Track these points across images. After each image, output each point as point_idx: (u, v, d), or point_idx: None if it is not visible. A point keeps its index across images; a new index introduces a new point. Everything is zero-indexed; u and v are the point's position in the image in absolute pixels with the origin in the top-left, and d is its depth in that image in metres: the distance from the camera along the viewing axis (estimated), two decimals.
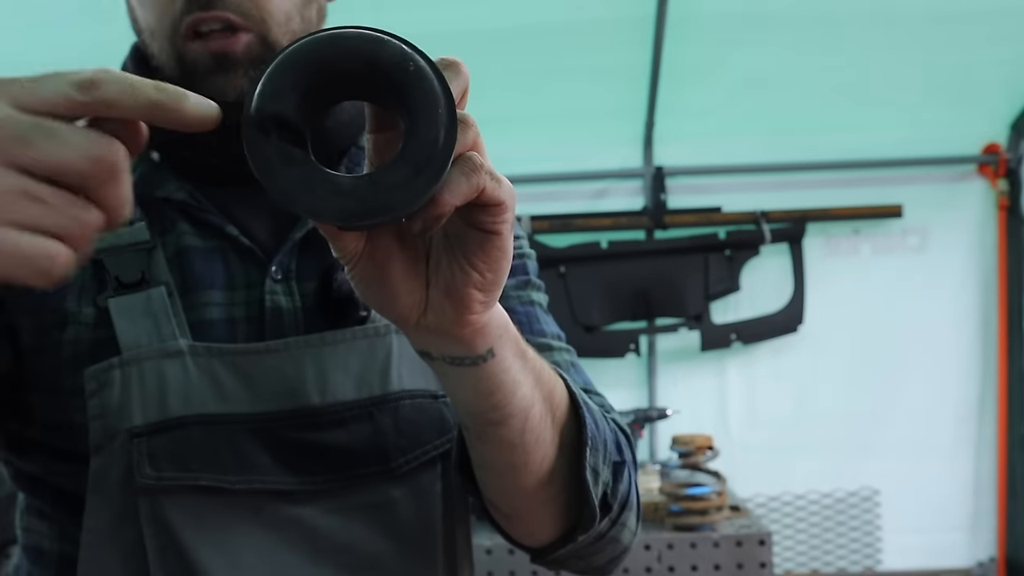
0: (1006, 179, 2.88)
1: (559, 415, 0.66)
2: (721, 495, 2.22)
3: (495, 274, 0.51)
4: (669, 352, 2.99)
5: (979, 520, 2.96)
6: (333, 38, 0.46)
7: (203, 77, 0.73)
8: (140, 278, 0.73)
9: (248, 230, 0.77)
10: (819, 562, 3.01)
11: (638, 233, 2.95)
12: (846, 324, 2.92)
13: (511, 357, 0.58)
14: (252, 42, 0.73)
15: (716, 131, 2.87)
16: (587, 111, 2.78)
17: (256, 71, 0.69)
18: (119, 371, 0.71)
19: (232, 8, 0.72)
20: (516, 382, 0.59)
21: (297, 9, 0.76)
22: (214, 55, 0.73)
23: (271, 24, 0.74)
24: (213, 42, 0.72)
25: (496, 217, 0.49)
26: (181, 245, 0.76)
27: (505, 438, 0.62)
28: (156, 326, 0.72)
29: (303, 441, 0.73)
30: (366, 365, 0.74)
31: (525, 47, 2.51)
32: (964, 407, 2.95)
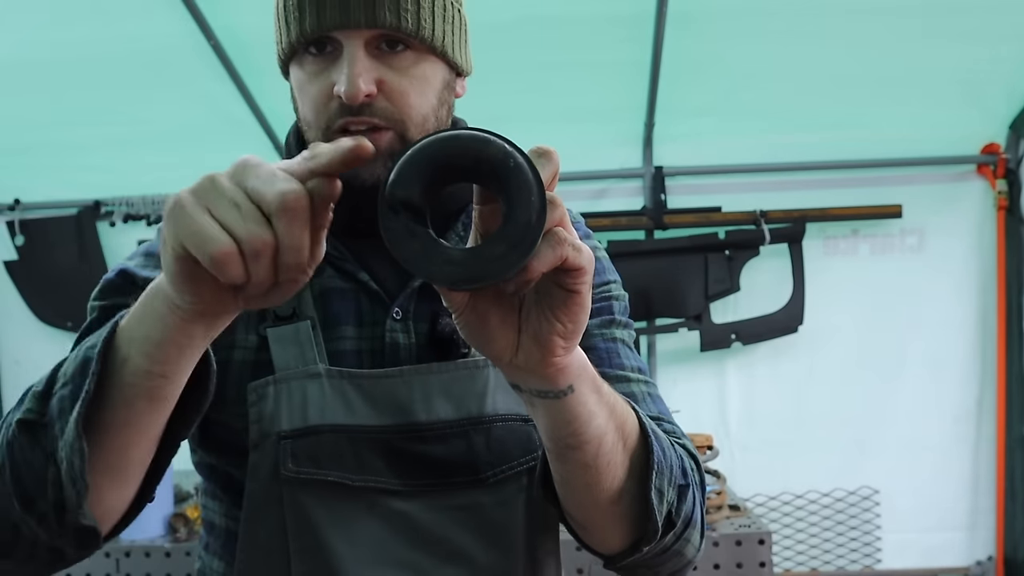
0: (1005, 179, 2.89)
1: (630, 442, 0.76)
2: (721, 495, 2.22)
3: (575, 325, 0.62)
4: (669, 352, 2.99)
5: (977, 519, 2.97)
6: (449, 139, 0.58)
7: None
8: (292, 312, 0.91)
9: (376, 277, 0.93)
10: (818, 561, 3.01)
11: (638, 233, 2.95)
12: (845, 324, 2.93)
13: (588, 392, 0.69)
14: (392, 139, 0.86)
15: (716, 131, 2.88)
16: (587, 110, 2.78)
17: (391, 162, 0.81)
18: (272, 387, 0.89)
19: (379, 114, 0.85)
20: (592, 413, 0.70)
21: (433, 111, 0.88)
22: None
23: (409, 125, 0.86)
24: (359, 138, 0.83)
25: (577, 279, 0.60)
26: (324, 287, 0.92)
27: (580, 460, 0.73)
28: (302, 353, 0.90)
29: (410, 450, 0.88)
30: (465, 391, 0.89)
31: (525, 46, 2.51)
32: (963, 407, 2.95)
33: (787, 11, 2.43)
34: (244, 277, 0.55)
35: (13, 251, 3.06)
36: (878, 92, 2.70)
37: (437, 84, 0.89)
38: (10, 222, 3.06)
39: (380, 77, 0.85)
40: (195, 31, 2.40)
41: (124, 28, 2.37)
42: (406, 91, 0.86)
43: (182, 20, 2.36)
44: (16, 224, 3.04)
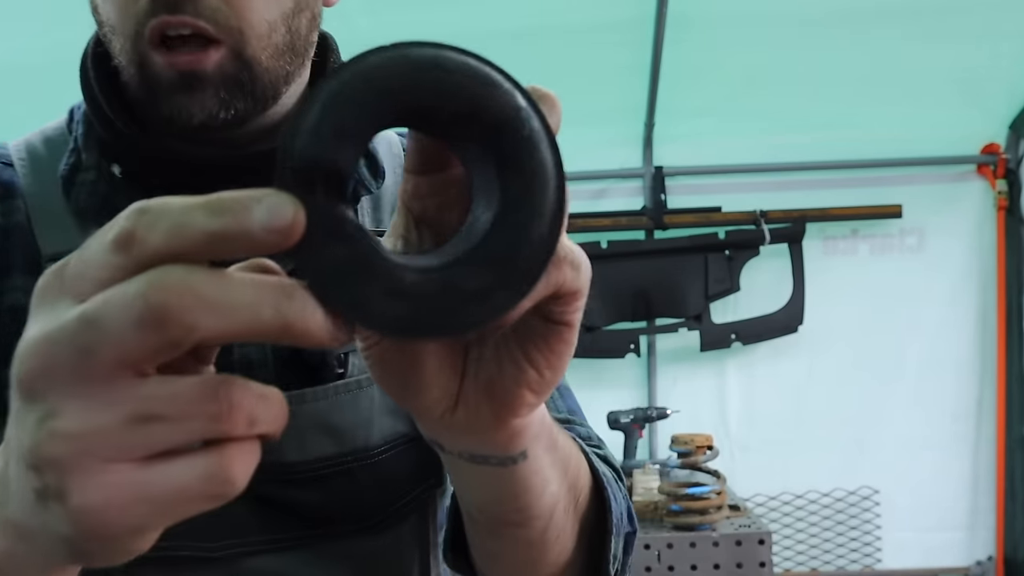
0: (1005, 179, 2.89)
1: (582, 501, 0.59)
2: (720, 494, 2.22)
3: (554, 372, 0.40)
4: (669, 352, 2.99)
5: (977, 519, 2.97)
6: (435, 62, 0.33)
7: (166, 94, 0.64)
8: None
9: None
10: (818, 561, 3.01)
11: (638, 233, 2.95)
12: (845, 324, 2.92)
13: (543, 454, 0.49)
14: (225, 59, 0.64)
15: (716, 131, 2.87)
16: (587, 111, 2.78)
17: (224, 91, 0.64)
18: None
19: (205, 15, 0.62)
20: (545, 481, 0.50)
21: (284, 19, 0.66)
22: (181, 74, 0.63)
23: (250, 37, 0.64)
24: (180, 58, 0.63)
25: (569, 306, 0.38)
26: None
27: (524, 538, 0.54)
28: None
29: (279, 497, 0.68)
30: (348, 421, 0.70)
31: (525, 47, 2.51)
32: (963, 407, 2.95)
33: (789, 15, 2.43)
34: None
35: None
36: (878, 92, 2.70)
37: None
38: None
39: None
40: None
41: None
42: None
43: None
44: None
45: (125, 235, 0.31)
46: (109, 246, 0.31)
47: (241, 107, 0.65)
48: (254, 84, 0.65)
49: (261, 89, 0.66)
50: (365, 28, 2.44)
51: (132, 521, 0.31)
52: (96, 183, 0.69)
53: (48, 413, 0.31)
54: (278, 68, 0.67)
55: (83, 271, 0.32)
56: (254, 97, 0.66)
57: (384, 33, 1.40)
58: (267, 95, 0.67)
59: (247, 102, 0.66)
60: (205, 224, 0.31)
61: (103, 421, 0.30)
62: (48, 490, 0.31)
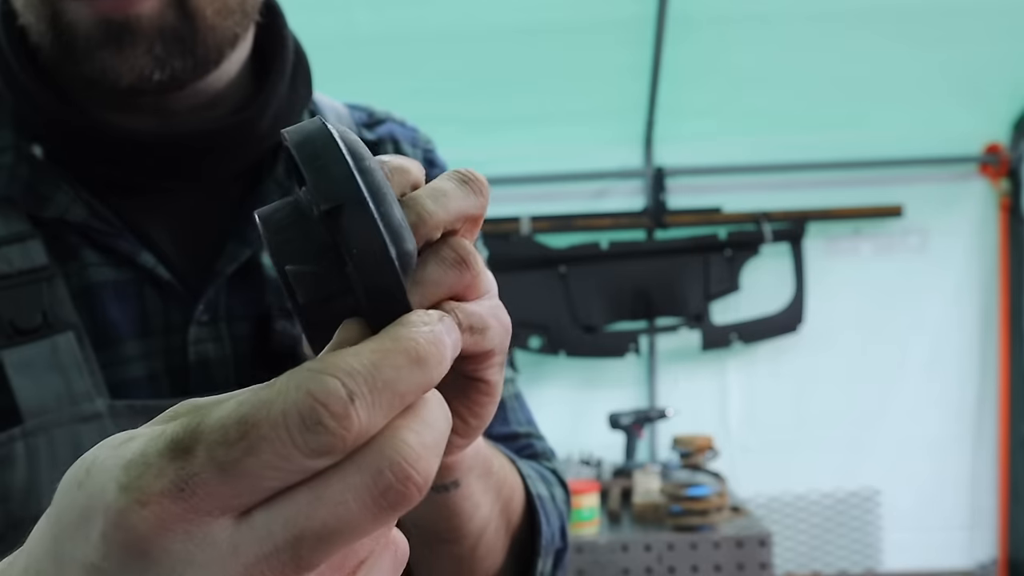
0: (1007, 179, 2.88)
1: (514, 521, 0.59)
2: (721, 496, 2.22)
3: (479, 420, 0.40)
4: (669, 352, 2.98)
5: (980, 520, 2.96)
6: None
7: (86, 51, 0.54)
8: (42, 321, 0.57)
9: (165, 256, 0.61)
10: (819, 562, 3.00)
11: (638, 233, 2.94)
12: (846, 324, 2.92)
13: (475, 482, 0.50)
14: (164, 9, 0.54)
15: (716, 131, 2.87)
16: (587, 111, 2.78)
17: (160, 45, 0.54)
18: (22, 443, 0.55)
19: None
20: (476, 506, 0.51)
21: None
22: (104, 22, 0.53)
23: None
24: (104, 2, 0.53)
25: (481, 364, 0.37)
26: (87, 280, 0.59)
27: (454, 553, 0.55)
28: (66, 383, 0.56)
29: None
30: None
31: (526, 48, 2.51)
32: (965, 407, 2.94)
33: (789, 15, 2.42)
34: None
35: None
36: (879, 91, 2.70)
37: None
38: None
39: None
40: None
41: None
42: None
43: None
44: None
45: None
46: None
47: (179, 66, 0.56)
48: (196, 41, 0.56)
49: (204, 48, 0.57)
50: (366, 22, 2.44)
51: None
52: (15, 167, 0.60)
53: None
54: (225, 27, 0.58)
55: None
56: (195, 57, 0.57)
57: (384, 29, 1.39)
58: (210, 56, 0.58)
59: (186, 61, 0.56)
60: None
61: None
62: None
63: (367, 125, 0.74)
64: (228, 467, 0.24)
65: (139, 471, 0.24)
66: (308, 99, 0.68)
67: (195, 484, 0.24)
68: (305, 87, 0.67)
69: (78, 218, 0.59)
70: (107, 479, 0.25)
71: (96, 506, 0.25)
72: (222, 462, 0.24)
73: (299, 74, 0.67)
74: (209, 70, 0.60)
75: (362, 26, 2.34)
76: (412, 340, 0.28)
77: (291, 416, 0.24)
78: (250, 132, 0.62)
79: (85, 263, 0.59)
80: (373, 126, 0.74)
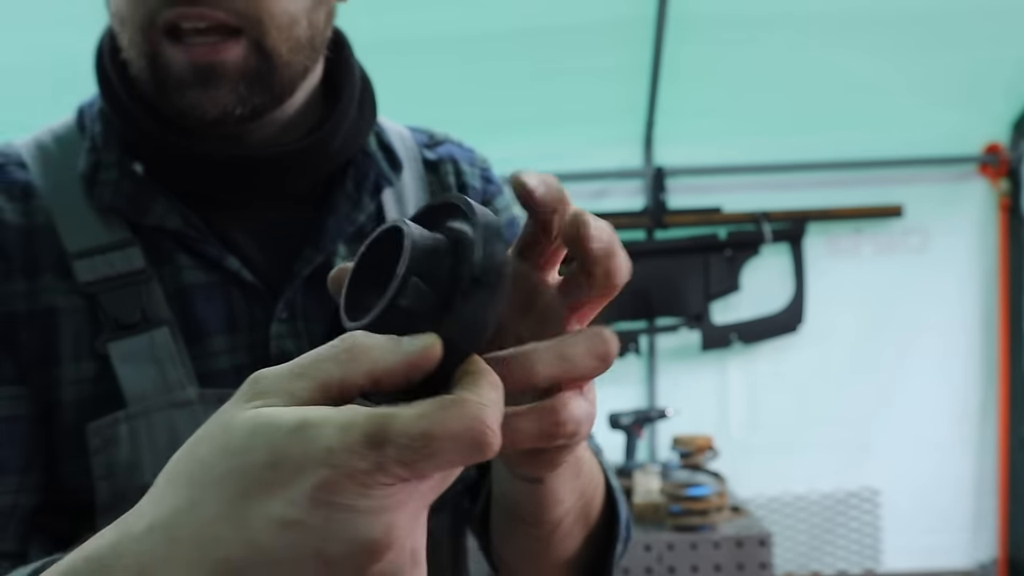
0: (1007, 179, 2.88)
1: (593, 515, 0.64)
2: (721, 496, 2.22)
3: (553, 468, 0.49)
4: (669, 352, 2.98)
5: (980, 521, 2.96)
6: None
7: (178, 89, 0.62)
8: (140, 317, 0.66)
9: (249, 262, 0.69)
10: (819, 563, 3.00)
11: (638, 233, 2.94)
12: (847, 324, 2.92)
13: (561, 483, 0.56)
14: (246, 53, 0.62)
15: (716, 131, 2.87)
16: (587, 111, 2.78)
17: (243, 85, 0.62)
18: (125, 425, 0.64)
19: (224, 5, 0.60)
20: (558, 501, 0.57)
21: (305, 12, 0.64)
22: (196, 67, 0.61)
23: (270, 28, 0.62)
24: (196, 50, 0.61)
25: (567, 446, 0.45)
26: (181, 282, 0.68)
27: (531, 534, 0.60)
28: (162, 373, 0.65)
29: None
30: None
31: (526, 48, 2.51)
32: (965, 407, 2.94)
33: (789, 15, 2.42)
34: None
35: None
36: (879, 92, 2.69)
37: None
38: None
39: None
40: None
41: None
42: None
43: None
44: None
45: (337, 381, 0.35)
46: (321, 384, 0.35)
47: (258, 102, 0.64)
48: (272, 78, 0.64)
49: (279, 83, 0.65)
50: (366, 27, 2.44)
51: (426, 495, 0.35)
52: (119, 182, 0.68)
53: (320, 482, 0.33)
54: (297, 62, 0.65)
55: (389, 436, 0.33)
56: (272, 92, 0.65)
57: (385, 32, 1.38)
58: (284, 90, 0.66)
59: (264, 96, 0.65)
60: (409, 351, 0.35)
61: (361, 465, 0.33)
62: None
63: (428, 146, 0.81)
64: (410, 464, 0.32)
65: (346, 456, 0.32)
66: (373, 122, 0.76)
67: (385, 467, 0.32)
68: (371, 111, 0.76)
69: (173, 226, 0.68)
70: (310, 460, 0.32)
71: (305, 473, 0.32)
72: (408, 461, 0.32)
73: (365, 99, 0.75)
74: (283, 101, 0.68)
75: (363, 31, 2.34)
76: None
77: (464, 439, 0.33)
78: (322, 152, 0.71)
79: (179, 266, 0.68)
80: (433, 147, 0.81)
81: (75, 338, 0.66)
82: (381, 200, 0.75)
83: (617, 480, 0.70)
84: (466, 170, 0.81)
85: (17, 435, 0.65)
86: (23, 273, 0.66)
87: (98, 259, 0.66)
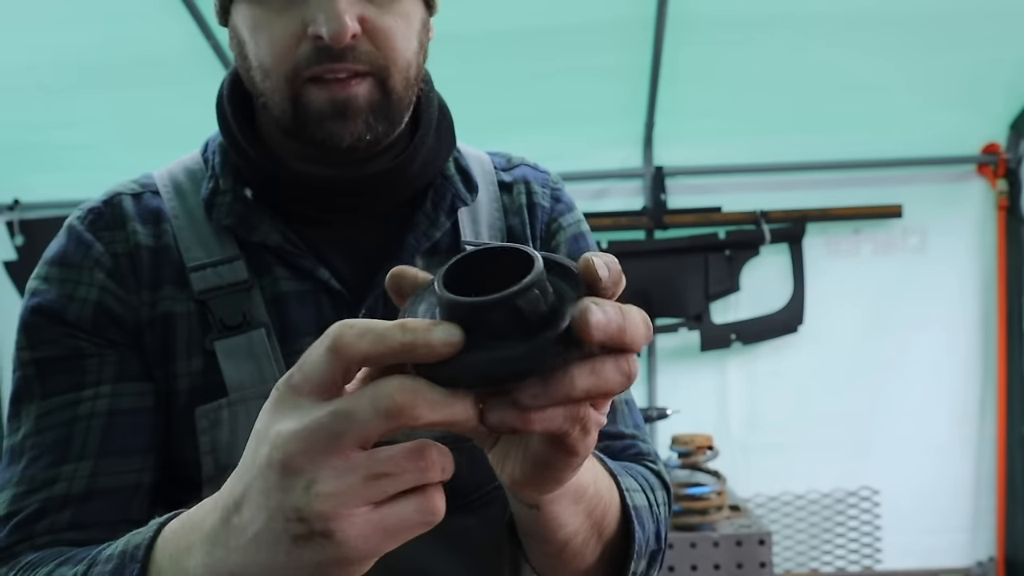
0: (1005, 179, 2.89)
1: (606, 534, 0.69)
2: (721, 495, 2.22)
3: (559, 484, 0.53)
4: (669, 352, 2.99)
5: (979, 520, 2.97)
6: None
7: (318, 122, 0.73)
8: (242, 320, 0.79)
9: (337, 273, 0.81)
10: (818, 562, 3.01)
11: (638, 233, 2.95)
12: (846, 324, 2.92)
13: (559, 508, 0.61)
14: (373, 89, 0.74)
15: (716, 131, 2.87)
16: (587, 111, 2.78)
17: (372, 116, 0.74)
18: (227, 410, 0.77)
19: (362, 59, 0.72)
20: (560, 524, 0.63)
21: (415, 56, 0.77)
22: (334, 101, 0.73)
23: (394, 71, 0.74)
24: (335, 88, 0.73)
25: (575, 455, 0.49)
26: (278, 290, 0.80)
27: (543, 549, 0.67)
28: (259, 367, 0.78)
29: None
30: None
31: (526, 48, 2.51)
32: (964, 407, 2.95)
33: (789, 16, 2.43)
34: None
35: (12, 251, 3.06)
36: (878, 92, 2.70)
37: (417, 23, 0.77)
38: (10, 222, 3.06)
39: (362, 14, 0.72)
40: (195, 31, 2.40)
41: (124, 29, 2.37)
42: (391, 31, 0.73)
43: (182, 21, 2.36)
44: (16, 224, 3.04)
45: (339, 344, 0.43)
46: (327, 350, 0.44)
47: (381, 130, 0.75)
48: (392, 110, 0.75)
49: (396, 114, 0.76)
50: None
51: (373, 546, 0.44)
52: (233, 204, 0.80)
53: (311, 482, 0.43)
54: (408, 96, 0.77)
55: (309, 377, 0.44)
56: (391, 121, 0.76)
57: None
58: (399, 119, 0.77)
59: (385, 125, 0.75)
60: (400, 337, 0.43)
61: (351, 482, 0.43)
62: (314, 534, 0.43)
63: (504, 169, 0.92)
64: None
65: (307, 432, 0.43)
66: (452, 147, 0.86)
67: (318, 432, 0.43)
68: (448, 137, 0.86)
69: (274, 242, 0.80)
70: (272, 439, 0.44)
71: (262, 448, 0.45)
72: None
73: (443, 127, 0.85)
74: (396, 129, 0.78)
75: None
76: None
77: (379, 407, 0.42)
78: (403, 175, 0.81)
79: (276, 277, 0.80)
80: (510, 170, 0.92)
81: (188, 338, 0.79)
82: (457, 219, 0.85)
83: (643, 497, 0.75)
84: (537, 191, 0.91)
85: (141, 424, 0.78)
86: (149, 287, 0.79)
87: (210, 271, 0.79)
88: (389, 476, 0.43)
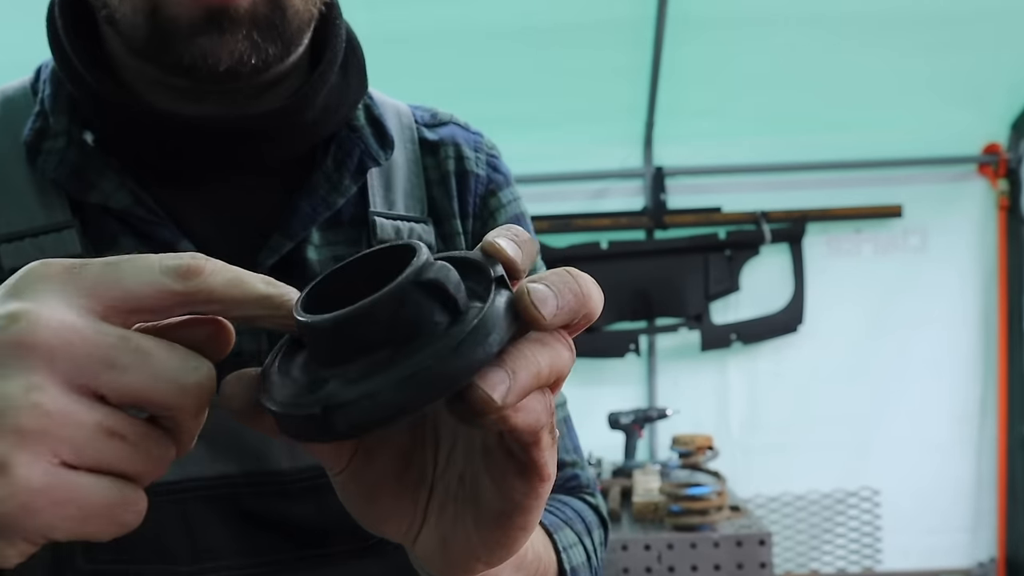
0: (1006, 179, 2.89)
1: None
2: (721, 495, 2.22)
3: (511, 550, 0.41)
4: (669, 352, 2.99)
5: (979, 520, 2.96)
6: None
7: (188, 37, 0.55)
8: None
9: (206, 246, 0.60)
10: (819, 562, 3.01)
11: (638, 233, 2.95)
12: (846, 324, 2.92)
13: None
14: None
15: (716, 131, 2.87)
16: (587, 111, 2.78)
17: (257, 32, 0.57)
18: None
19: None
20: None
21: None
22: (208, 10, 0.55)
23: None
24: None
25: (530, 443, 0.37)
26: None
27: None
28: None
29: (267, 511, 0.60)
30: None
31: (526, 48, 2.51)
32: (964, 407, 2.95)
33: (789, 16, 2.43)
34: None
35: None
36: (879, 92, 2.70)
37: None
38: None
39: None
40: None
41: None
42: None
43: None
44: None
45: (186, 268, 0.35)
46: (169, 269, 0.35)
47: (270, 53, 0.58)
48: (285, 27, 0.58)
49: (291, 32, 0.59)
50: (364, 22, 2.44)
51: (50, 518, 0.32)
52: (66, 151, 0.60)
53: (36, 386, 0.32)
54: (306, 12, 0.60)
55: (119, 281, 0.34)
56: (284, 41, 0.59)
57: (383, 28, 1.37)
58: (294, 40, 0.60)
59: (277, 46, 0.58)
60: (261, 288, 0.36)
61: (79, 416, 0.32)
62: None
63: (428, 125, 0.73)
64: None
65: (80, 337, 0.33)
66: (362, 92, 0.67)
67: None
68: (358, 79, 0.67)
69: (120, 205, 0.60)
70: (27, 313, 0.33)
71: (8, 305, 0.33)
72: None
73: (351, 65, 0.67)
74: (291, 52, 0.61)
75: (359, 27, 2.34)
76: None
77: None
78: (298, 118, 0.62)
79: (123, 251, 0.57)
80: (435, 127, 0.74)
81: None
82: (366, 183, 0.66)
83: (581, 552, 0.65)
84: (469, 155, 0.73)
85: None
86: None
87: (28, 243, 0.59)
88: (123, 440, 0.33)
